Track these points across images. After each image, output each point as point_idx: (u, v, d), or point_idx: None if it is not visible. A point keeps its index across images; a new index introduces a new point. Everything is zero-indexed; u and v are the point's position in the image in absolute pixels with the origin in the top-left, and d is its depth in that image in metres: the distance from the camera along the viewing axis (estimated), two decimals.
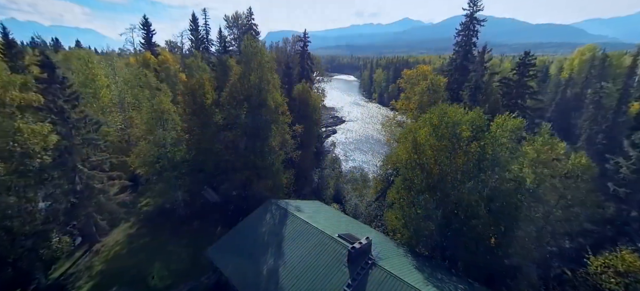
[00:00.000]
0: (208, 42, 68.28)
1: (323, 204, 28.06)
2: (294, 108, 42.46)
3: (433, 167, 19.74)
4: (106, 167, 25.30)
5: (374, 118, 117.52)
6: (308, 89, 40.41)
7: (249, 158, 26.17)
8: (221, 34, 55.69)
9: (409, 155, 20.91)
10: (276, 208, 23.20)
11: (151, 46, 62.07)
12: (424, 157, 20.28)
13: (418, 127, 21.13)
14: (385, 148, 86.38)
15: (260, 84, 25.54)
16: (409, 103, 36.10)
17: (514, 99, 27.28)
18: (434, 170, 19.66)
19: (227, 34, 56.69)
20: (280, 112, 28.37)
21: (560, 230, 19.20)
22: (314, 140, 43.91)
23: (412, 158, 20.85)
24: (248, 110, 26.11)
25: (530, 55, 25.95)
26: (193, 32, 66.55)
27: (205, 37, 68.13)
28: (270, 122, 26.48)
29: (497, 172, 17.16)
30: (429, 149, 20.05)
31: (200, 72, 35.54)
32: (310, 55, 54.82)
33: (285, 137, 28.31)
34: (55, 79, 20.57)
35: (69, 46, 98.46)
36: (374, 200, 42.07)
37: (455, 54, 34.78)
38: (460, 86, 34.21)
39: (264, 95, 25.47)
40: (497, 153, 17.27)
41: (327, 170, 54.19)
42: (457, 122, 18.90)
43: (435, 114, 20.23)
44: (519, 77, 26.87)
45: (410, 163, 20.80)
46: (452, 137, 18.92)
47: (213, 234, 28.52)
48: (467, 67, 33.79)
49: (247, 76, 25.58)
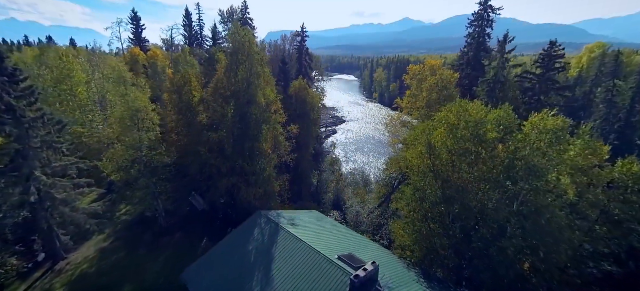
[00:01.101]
0: (202, 38, 65.09)
1: (320, 214, 24.86)
2: (291, 107, 39.30)
3: (451, 174, 16.53)
4: (73, 173, 22.10)
5: (375, 118, 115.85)
6: (305, 86, 37.21)
7: (236, 162, 22.97)
8: (215, 29, 52.57)
9: (422, 160, 17.70)
10: (266, 221, 19.99)
11: (141, 41, 58.96)
12: (440, 162, 17.07)
13: (432, 127, 17.93)
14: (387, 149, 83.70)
15: (249, 78, 22.33)
16: (416, 101, 32.88)
17: (537, 96, 24.07)
18: (453, 178, 16.44)
19: (222, 30, 53.51)
20: (273, 111, 25.16)
21: (604, 249, 15.99)
22: (311, 141, 40.71)
23: (425, 164, 17.64)
24: (235, 108, 22.90)
25: (557, 46, 22.73)
26: (186, 28, 63.41)
27: (198, 33, 65.01)
28: (261, 122, 23.28)
29: (530, 181, 13.97)
30: (445, 153, 16.86)
31: (186, 67, 32.31)
32: (308, 51, 51.63)
33: (278, 139, 25.07)
34: (2, 71, 17.35)
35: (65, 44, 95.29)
36: (377, 206, 38.97)
37: (467, 47, 31.57)
38: (473, 82, 31.04)
39: (253, 91, 22.26)
40: (531, 159, 14.06)
41: (327, 172, 51.08)
42: (480, 120, 15.71)
43: (452, 112, 17.02)
44: (543, 70, 23.64)
45: (423, 169, 17.59)
46: (474, 138, 15.74)
47: (197, 247, 25.33)
48: (480, 61, 30.59)
49: (234, 69, 22.38)
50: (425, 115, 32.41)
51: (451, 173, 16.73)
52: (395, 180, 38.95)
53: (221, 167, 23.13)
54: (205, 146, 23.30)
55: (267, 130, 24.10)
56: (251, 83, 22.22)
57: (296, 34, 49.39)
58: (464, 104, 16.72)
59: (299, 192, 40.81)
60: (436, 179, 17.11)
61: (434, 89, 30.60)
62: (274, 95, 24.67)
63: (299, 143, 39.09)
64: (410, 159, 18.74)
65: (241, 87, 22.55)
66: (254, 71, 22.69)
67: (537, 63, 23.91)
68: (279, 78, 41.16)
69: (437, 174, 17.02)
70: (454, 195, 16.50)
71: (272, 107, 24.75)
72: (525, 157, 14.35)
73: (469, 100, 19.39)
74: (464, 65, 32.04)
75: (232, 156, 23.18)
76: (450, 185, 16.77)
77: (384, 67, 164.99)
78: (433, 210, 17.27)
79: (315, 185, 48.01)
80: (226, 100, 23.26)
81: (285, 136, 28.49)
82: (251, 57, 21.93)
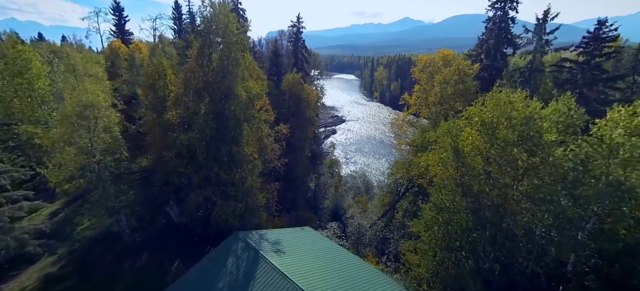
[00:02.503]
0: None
1: (314, 233, 20.48)
2: (284, 104, 34.99)
3: (489, 190, 12.17)
4: (6, 184, 17.76)
5: (376, 118, 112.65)
6: (300, 81, 32.85)
7: (211, 171, 18.61)
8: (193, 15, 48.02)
9: (446, 171, 13.34)
10: (243, 247, 15.65)
11: (124, 34, 54.63)
12: (471, 173, 12.72)
13: (459, 127, 13.57)
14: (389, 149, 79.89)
15: (226, 66, 17.97)
16: (427, 97, 28.54)
17: (579, 89, 19.66)
18: (492, 194, 12.08)
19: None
20: (258, 108, 20.82)
21: None
22: (308, 142, 36.38)
23: (450, 175, 13.29)
24: (210, 104, 18.56)
25: (608, 25, 18.29)
26: (176, 21, 59.11)
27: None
28: (241, 120, 18.92)
29: (612, 203, 9.66)
30: (479, 161, 12.51)
31: (161, 58, 27.95)
32: (305, 44, 47.25)
33: (263, 141, 20.67)
34: None
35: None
36: (381, 216, 34.59)
37: (486, 33, 27.16)
38: (494, 74, 26.68)
39: (230, 82, 17.89)
40: (614, 173, 9.72)
41: (325, 176, 46.70)
42: (532, 116, 11.36)
43: (488, 105, 12.66)
44: (587, 57, 19.26)
45: (448, 183, 13.22)
46: (524, 141, 11.40)
47: (166, 272, 20.95)
48: (503, 49, 26.24)
49: (207, 54, 18.02)
50: (438, 113, 28.12)
51: (487, 188, 12.38)
52: (401, 187, 34.62)
53: (193, 177, 18.74)
54: (172, 150, 18.93)
55: (250, 131, 19.73)
56: (228, 73, 17.84)
57: (292, 25, 44.99)
58: (505, 95, 12.34)
59: (293, 200, 36.44)
60: (465, 196, 12.74)
61: (448, 83, 26.27)
62: (260, 89, 20.28)
63: (293, 146, 34.77)
64: (432, 168, 14.37)
65: (216, 78, 18.19)
66: (232, 58, 18.32)
67: (582, 47, 19.43)
68: (271, 73, 36.85)
69: (467, 190, 12.65)
70: (492, 220, 12.15)
71: (256, 103, 20.38)
72: (603, 168, 10.01)
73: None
74: (482, 53, 27.63)
75: (206, 163, 18.81)
76: (485, 205, 12.42)
77: (385, 66, 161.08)
78: (462, 237, 12.92)
79: (312, 190, 43.70)
80: (199, 95, 18.90)
81: (274, 137, 24.15)
82: (228, 39, 17.55)
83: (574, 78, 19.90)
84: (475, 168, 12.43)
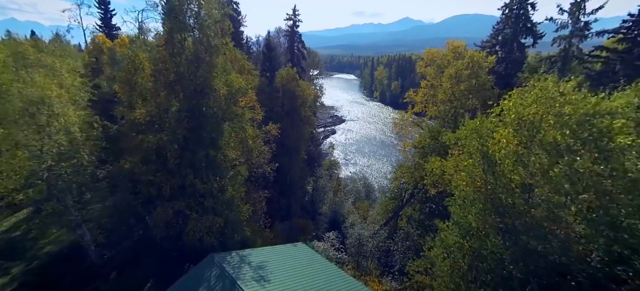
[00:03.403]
0: None
1: (305, 250, 17.46)
2: (277, 102, 32.06)
3: (533, 211, 9.18)
4: None
5: (376, 117, 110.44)
6: (295, 76, 29.89)
7: (184, 179, 15.63)
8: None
9: (472, 184, 10.35)
10: (218, 275, 12.66)
11: (110, 29, 51.60)
12: (506, 186, 9.73)
13: (489, 127, 10.58)
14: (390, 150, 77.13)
15: (200, 55, 15.01)
16: (435, 93, 25.58)
17: (616, 81, 16.68)
18: (538, 214, 9.11)
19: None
20: (243, 105, 17.85)
21: None
22: (304, 143, 33.44)
23: (478, 189, 10.32)
24: (183, 99, 15.60)
25: None
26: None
27: None
28: (221, 120, 15.96)
29: None
30: (519, 172, 9.54)
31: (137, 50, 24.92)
32: (301, 38, 44.31)
33: (247, 143, 17.66)
34: None
35: None
36: (384, 224, 31.68)
37: (502, 21, 24.20)
38: (510, 67, 23.79)
39: (206, 73, 14.93)
40: None
41: (324, 179, 43.79)
42: (595, 112, 8.41)
43: (528, 99, 9.69)
44: (628, 45, 16.31)
45: (477, 198, 10.24)
46: (586, 143, 8.45)
47: None
48: (520, 39, 23.33)
49: (179, 40, 15.05)
50: (447, 112, 25.20)
51: (528, 207, 9.42)
52: (405, 192, 31.68)
53: (163, 186, 15.74)
54: (137, 154, 15.94)
55: (232, 132, 16.76)
56: (203, 62, 14.88)
57: (287, 17, 42.00)
58: (553, 85, 9.37)
59: (287, 206, 33.51)
60: (500, 216, 9.76)
61: (460, 77, 23.34)
62: (244, 83, 17.29)
63: (288, 147, 31.84)
64: (453, 178, 11.39)
65: (190, 69, 15.22)
66: (210, 44, 15.37)
67: (621, 33, 16.47)
68: (264, 69, 33.91)
69: (501, 209, 9.67)
70: (532, 247, 9.19)
71: (241, 99, 17.40)
72: None
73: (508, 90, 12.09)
74: (498, 44, 24.67)
75: (179, 170, 15.84)
76: (524, 229, 9.47)
77: (385, 65, 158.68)
78: (496, 270, 9.95)
79: (310, 194, 40.80)
80: (172, 89, 15.92)
81: (264, 139, 21.20)
82: (203, 20, 14.58)
83: (611, 70, 16.97)
84: (512, 180, 9.49)
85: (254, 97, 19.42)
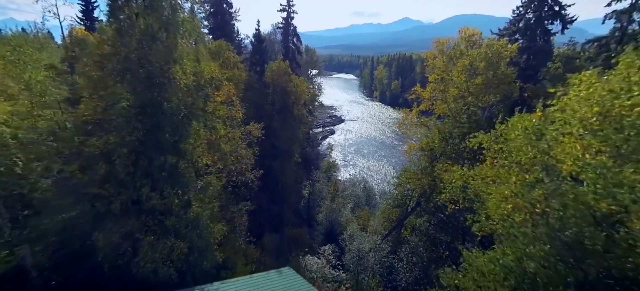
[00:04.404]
0: None
1: (292, 276, 14.06)
2: (268, 99, 28.76)
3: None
4: None
5: (376, 117, 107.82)
6: (287, 70, 26.56)
7: (140, 192, 12.29)
8: None
9: (533, 209, 7.02)
10: None
11: (93, 21, 48.14)
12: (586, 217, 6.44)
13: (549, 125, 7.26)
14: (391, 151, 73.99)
15: (160, 35, 11.67)
16: (445, 88, 22.26)
17: None
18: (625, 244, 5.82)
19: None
20: (214, 99, 14.49)
21: None
22: (297, 145, 30.11)
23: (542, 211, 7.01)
24: (135, 92, 12.24)
25: None
26: None
27: None
28: (185, 118, 12.60)
29: None
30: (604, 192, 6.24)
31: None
32: (296, 31, 40.95)
33: (220, 148, 14.27)
34: None
35: None
36: (387, 235, 28.36)
37: (523, 5, 20.91)
38: (533, 58, 20.54)
39: (162, 56, 11.58)
40: None
41: (321, 182, 40.58)
42: None
43: (614, 84, 6.41)
44: None
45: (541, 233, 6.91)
46: None
47: None
48: (546, 25, 20.07)
49: (128, 15, 11.70)
50: (458, 110, 21.94)
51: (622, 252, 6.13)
52: (410, 200, 28.37)
53: (113, 201, 12.36)
54: (76, 161, 12.58)
55: (200, 133, 13.40)
56: (158, 42, 11.52)
57: (281, 8, 38.56)
58: None
59: (279, 214, 30.17)
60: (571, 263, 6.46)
61: (476, 70, 20.05)
62: (216, 70, 13.94)
63: (279, 150, 28.55)
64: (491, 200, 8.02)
65: (146, 53, 11.87)
66: (171, 22, 12.03)
67: None
68: (254, 62, 30.57)
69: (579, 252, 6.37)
70: None
71: (211, 92, 14.03)
72: None
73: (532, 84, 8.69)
74: (518, 33, 21.40)
75: (132, 181, 12.48)
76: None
77: (385, 64, 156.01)
78: None
79: (306, 199, 37.49)
80: (121, 77, 12.54)
81: (246, 141, 17.83)
82: None
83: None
84: (597, 209, 6.20)
85: (232, 90, 16.06)
